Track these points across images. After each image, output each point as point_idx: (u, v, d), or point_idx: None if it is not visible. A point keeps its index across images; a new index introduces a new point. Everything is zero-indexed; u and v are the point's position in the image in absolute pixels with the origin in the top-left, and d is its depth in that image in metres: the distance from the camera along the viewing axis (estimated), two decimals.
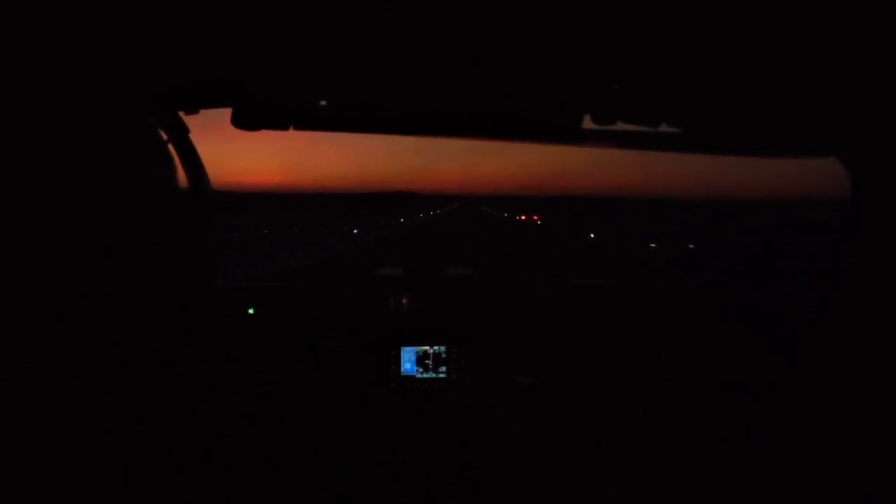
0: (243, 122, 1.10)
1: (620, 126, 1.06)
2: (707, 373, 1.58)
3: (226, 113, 1.11)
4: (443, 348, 1.67)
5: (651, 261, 13.88)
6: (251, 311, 1.66)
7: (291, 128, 1.14)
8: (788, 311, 1.61)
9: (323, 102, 1.09)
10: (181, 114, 1.18)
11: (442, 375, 1.66)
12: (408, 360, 1.67)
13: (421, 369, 1.66)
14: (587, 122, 1.08)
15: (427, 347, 1.67)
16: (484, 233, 27.37)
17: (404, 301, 1.73)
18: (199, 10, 0.71)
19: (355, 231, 24.93)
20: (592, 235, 24.17)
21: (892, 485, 0.87)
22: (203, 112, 1.16)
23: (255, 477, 1.25)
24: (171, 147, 1.17)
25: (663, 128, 1.06)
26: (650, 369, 1.62)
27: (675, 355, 1.62)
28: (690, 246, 16.20)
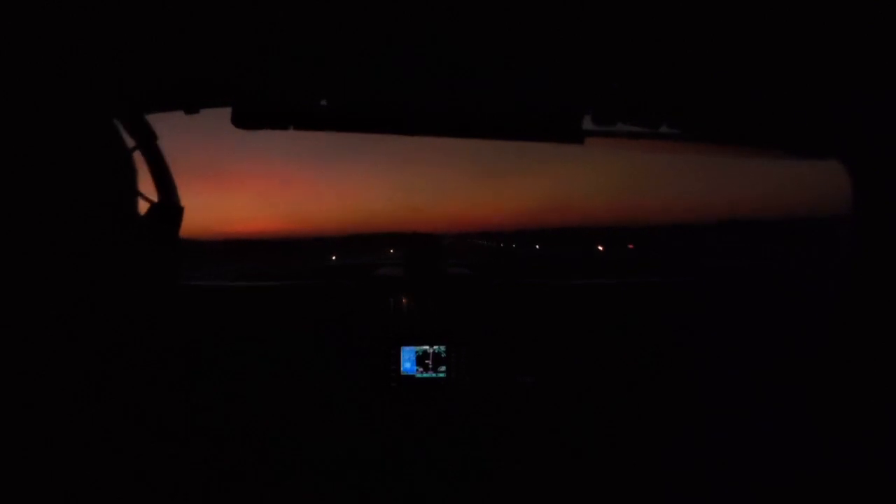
0: (243, 121, 1.10)
1: (621, 127, 1.06)
2: (704, 372, 1.58)
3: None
4: (442, 348, 1.67)
5: None
6: (250, 309, 1.66)
7: (291, 127, 1.14)
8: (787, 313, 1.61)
9: (323, 102, 1.09)
10: (148, 119, 1.17)
11: (442, 375, 1.66)
12: (408, 360, 1.67)
13: (421, 369, 1.67)
14: (587, 123, 1.08)
15: (427, 347, 1.67)
16: None
17: (404, 301, 1.73)
18: (199, 10, 0.71)
19: None
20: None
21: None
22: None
23: (253, 476, 1.25)
24: (138, 152, 1.15)
25: (664, 129, 1.06)
26: (648, 369, 1.62)
27: (674, 355, 1.62)
28: None
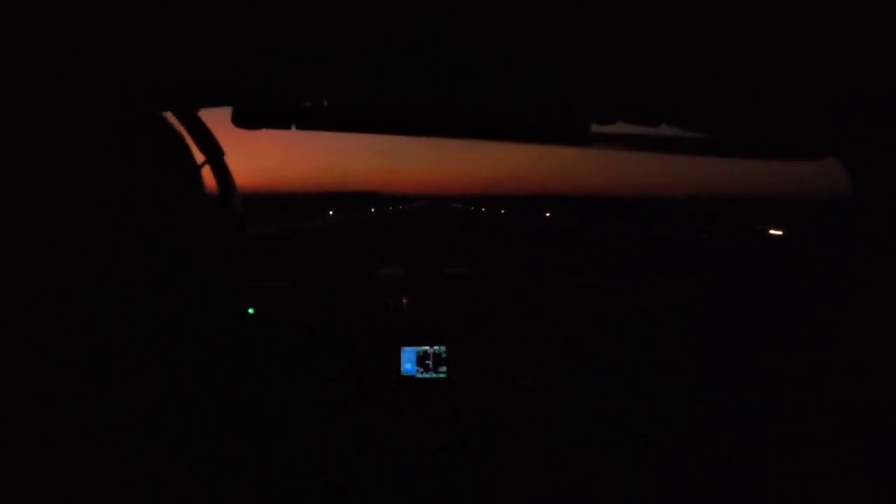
0: (244, 121, 1.10)
1: (620, 127, 1.06)
2: (706, 373, 1.58)
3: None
4: (443, 348, 1.67)
5: None
6: (251, 310, 1.66)
7: (294, 127, 1.14)
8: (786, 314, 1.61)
9: (325, 102, 1.09)
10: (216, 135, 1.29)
11: (442, 375, 1.66)
12: (408, 361, 1.67)
13: (421, 369, 1.66)
14: (588, 123, 1.08)
15: (427, 347, 1.67)
16: None
17: (404, 301, 1.73)
18: (199, 10, 0.71)
19: None
20: None
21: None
22: None
23: (252, 476, 1.25)
24: (208, 166, 1.20)
25: (663, 128, 1.06)
26: (650, 369, 1.62)
27: (675, 355, 1.62)
28: None
